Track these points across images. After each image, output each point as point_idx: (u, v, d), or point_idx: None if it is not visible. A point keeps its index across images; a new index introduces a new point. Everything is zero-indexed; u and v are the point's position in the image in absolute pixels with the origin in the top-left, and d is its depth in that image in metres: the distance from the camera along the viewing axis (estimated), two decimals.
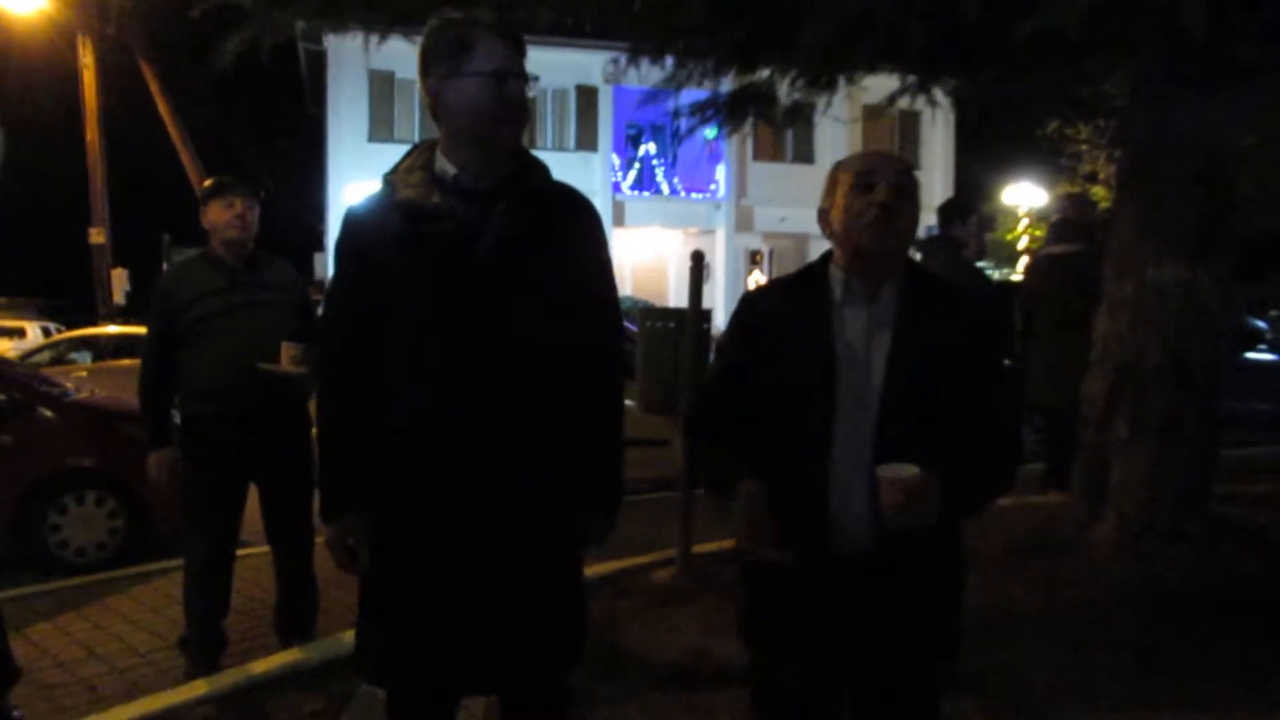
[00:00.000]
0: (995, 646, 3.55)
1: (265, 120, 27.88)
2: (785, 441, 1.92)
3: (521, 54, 2.02)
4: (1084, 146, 24.41)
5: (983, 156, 25.34)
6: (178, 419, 3.65)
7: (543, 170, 2.15)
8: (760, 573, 2.05)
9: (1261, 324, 10.08)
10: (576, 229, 2.14)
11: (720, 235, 24.53)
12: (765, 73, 5.14)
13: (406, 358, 2.03)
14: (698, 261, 4.32)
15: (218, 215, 3.59)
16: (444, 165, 2.07)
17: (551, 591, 2.11)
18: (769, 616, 2.04)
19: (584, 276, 2.14)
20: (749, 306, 2.10)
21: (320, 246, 23.67)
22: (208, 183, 3.74)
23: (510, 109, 2.00)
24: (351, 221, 2.12)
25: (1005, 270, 25.33)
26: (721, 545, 4.59)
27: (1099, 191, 23.81)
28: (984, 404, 1.93)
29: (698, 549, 4.53)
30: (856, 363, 1.91)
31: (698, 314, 4.37)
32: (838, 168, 2.02)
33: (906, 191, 1.93)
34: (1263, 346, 9.16)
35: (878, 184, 1.91)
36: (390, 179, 2.10)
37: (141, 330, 8.45)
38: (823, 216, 2.03)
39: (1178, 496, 4.19)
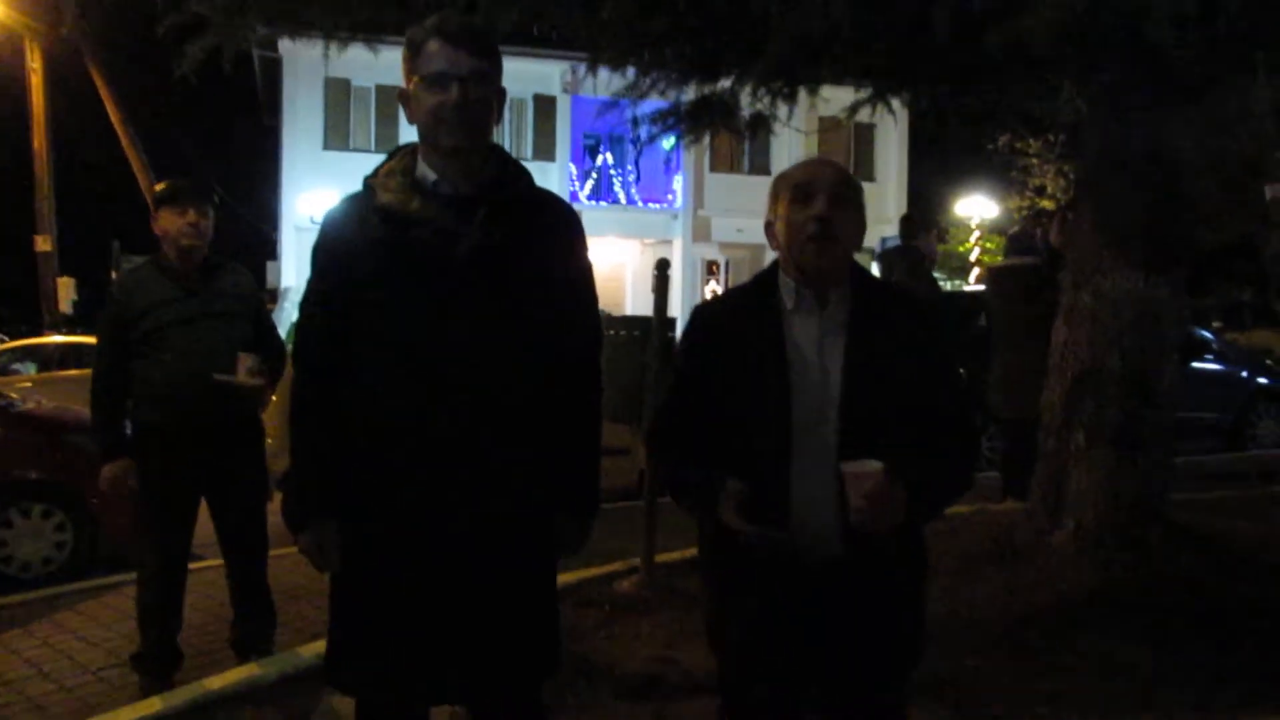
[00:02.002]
0: (956, 654, 3.57)
1: (219, 126, 27.53)
2: (744, 452, 1.92)
3: (478, 56, 1.98)
4: (1034, 161, 24.96)
5: (936, 169, 25.75)
6: (130, 429, 3.56)
7: (524, 176, 2.13)
8: (727, 579, 2.04)
9: (1207, 334, 10.30)
10: (557, 236, 2.13)
11: (677, 245, 24.58)
12: (727, 83, 5.16)
13: (383, 363, 2.01)
14: (662, 270, 4.32)
15: (170, 222, 3.49)
16: (424, 170, 2.05)
17: (526, 599, 2.09)
18: (735, 623, 2.03)
19: (564, 283, 2.12)
20: (700, 319, 2.11)
21: (274, 255, 23.36)
22: (160, 187, 3.63)
23: (453, 112, 1.96)
24: (329, 225, 2.09)
25: (957, 281, 25.70)
26: (685, 554, 4.58)
27: (1048, 205, 24.29)
28: (940, 403, 1.95)
29: (661, 558, 4.51)
30: (811, 369, 1.93)
31: (663, 322, 4.37)
32: (778, 179, 2.03)
33: (846, 201, 1.94)
34: (1209, 357, 9.35)
35: (816, 195, 1.92)
36: (370, 182, 2.08)
37: (88, 340, 8.26)
38: (768, 229, 2.04)
39: (1135, 504, 4.25)
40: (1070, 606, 3.95)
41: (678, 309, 22.89)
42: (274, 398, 3.86)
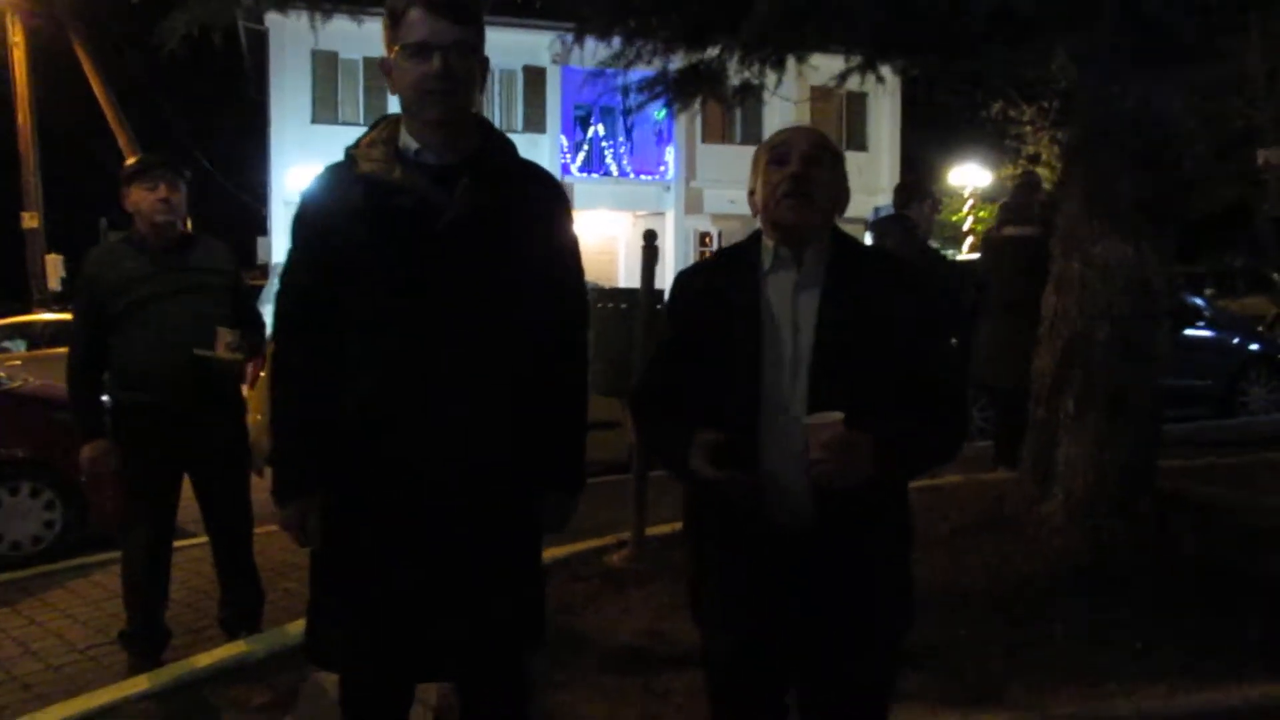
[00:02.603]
0: (948, 623, 3.57)
1: (206, 101, 27.28)
2: (716, 411, 1.90)
3: (461, 25, 1.94)
4: (1028, 128, 24.84)
5: (929, 138, 25.60)
6: (109, 408, 3.52)
7: (509, 147, 2.10)
8: (706, 549, 2.03)
9: (1199, 301, 10.28)
10: (542, 208, 2.10)
11: (670, 217, 24.49)
12: (714, 51, 5.10)
13: (365, 336, 1.99)
14: (650, 241, 4.28)
15: (141, 198, 3.45)
16: (407, 140, 2.02)
17: (510, 574, 2.08)
18: (711, 589, 2.02)
19: (548, 256, 2.10)
20: (681, 285, 2.10)
21: (263, 230, 23.25)
22: (129, 162, 3.59)
23: (436, 82, 1.92)
24: (310, 195, 2.06)
25: (951, 250, 25.65)
26: (675, 527, 4.57)
27: (1042, 173, 24.20)
28: (921, 363, 1.92)
29: (651, 531, 4.50)
30: (783, 327, 1.91)
31: (651, 294, 4.33)
32: (759, 148, 2.03)
33: (820, 161, 1.94)
34: (1200, 324, 9.34)
35: (791, 156, 1.93)
36: (351, 152, 2.04)
37: None
38: (750, 197, 2.04)
39: (1125, 472, 4.24)
40: (1060, 575, 3.95)
41: (670, 280, 22.78)
42: (262, 373, 3.83)
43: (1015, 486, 4.60)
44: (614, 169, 24.31)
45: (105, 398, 3.51)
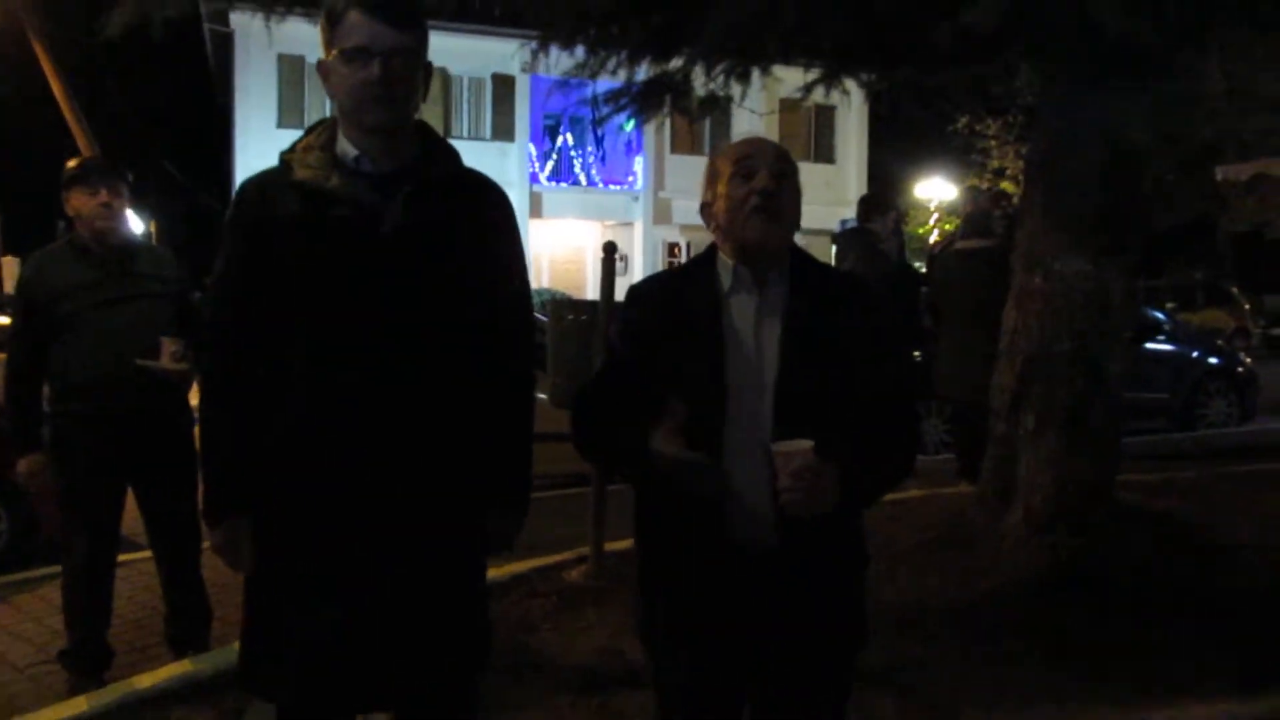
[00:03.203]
0: (908, 639, 3.55)
1: (169, 104, 26.94)
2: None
3: (401, 29, 1.87)
4: (993, 142, 25.14)
5: (896, 151, 25.83)
6: (48, 419, 3.41)
7: (452, 155, 2.04)
8: (658, 568, 1.98)
9: (1160, 315, 10.39)
10: (485, 217, 2.03)
11: (638, 227, 24.51)
12: (679, 62, 5.08)
13: (299, 349, 1.90)
14: (609, 253, 4.23)
15: (82, 203, 3.34)
16: (345, 146, 1.95)
17: (453, 596, 2.01)
18: (665, 613, 1.97)
19: (491, 266, 2.03)
20: (636, 299, 2.03)
21: None
22: (70, 165, 3.46)
23: (375, 89, 1.85)
24: (242, 200, 1.97)
25: (918, 263, 25.87)
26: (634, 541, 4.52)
27: (1007, 186, 24.49)
28: (879, 388, 1.90)
29: (610, 546, 4.44)
30: (747, 351, 1.87)
31: (611, 306, 4.28)
32: (715, 157, 1.97)
33: (786, 177, 1.90)
34: (1160, 337, 9.44)
35: (758, 171, 1.88)
36: (286, 157, 1.97)
37: None
38: (705, 210, 1.98)
39: (1084, 486, 4.25)
40: (1020, 591, 3.94)
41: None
42: None
43: (976, 501, 4.60)
44: (583, 179, 24.30)
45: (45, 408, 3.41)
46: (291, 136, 2.07)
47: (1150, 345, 9.07)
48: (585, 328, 4.34)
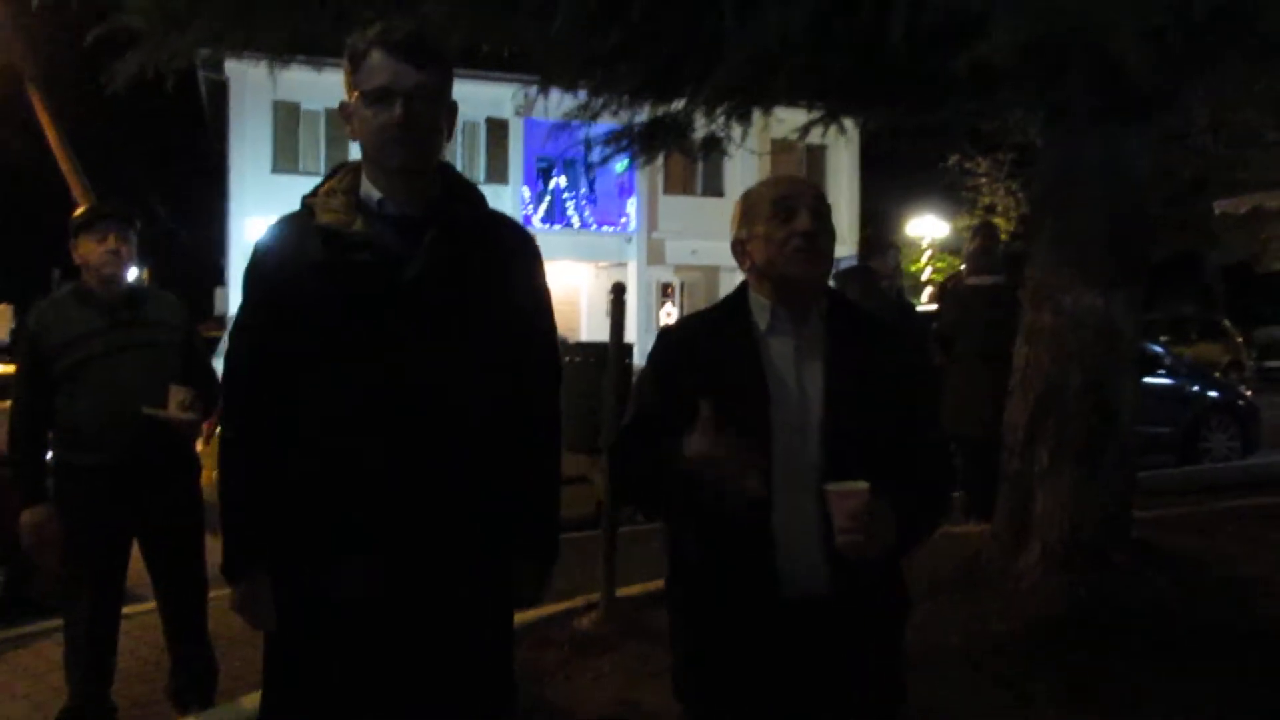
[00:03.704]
0: (926, 684, 3.46)
1: (164, 150, 27.06)
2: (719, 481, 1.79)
3: (424, 69, 1.85)
4: (983, 180, 25.37)
5: (888, 189, 26.04)
6: (54, 470, 3.34)
7: (477, 196, 2.00)
8: (696, 618, 1.92)
9: (1158, 349, 10.39)
10: (512, 260, 2.00)
11: (632, 268, 24.56)
12: (680, 104, 5.09)
13: (323, 399, 1.86)
14: (619, 294, 4.20)
15: (90, 250, 3.29)
16: (368, 189, 1.91)
17: (480, 655, 1.95)
18: (705, 661, 1.91)
19: (519, 311, 1.99)
20: (669, 342, 1.99)
21: (221, 281, 22.97)
22: (78, 213, 3.42)
23: (398, 130, 1.82)
24: (264, 246, 1.93)
25: (912, 300, 25.97)
26: (646, 588, 4.45)
27: (999, 222, 24.65)
28: (917, 428, 1.89)
29: (622, 592, 4.37)
30: (789, 392, 1.84)
31: (620, 348, 4.24)
32: (749, 197, 1.96)
33: (824, 217, 1.90)
34: (1161, 371, 9.43)
35: (799, 211, 1.86)
36: (309, 201, 1.93)
37: None
38: (738, 248, 1.96)
39: (1100, 523, 4.20)
40: (1039, 632, 3.87)
41: (633, 333, 22.87)
42: (218, 432, 3.67)
43: (991, 540, 4.54)
44: (576, 220, 24.39)
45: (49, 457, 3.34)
46: (286, 182, 2.06)
47: (1150, 379, 9.06)
48: (593, 369, 4.29)
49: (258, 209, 20.71)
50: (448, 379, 1.87)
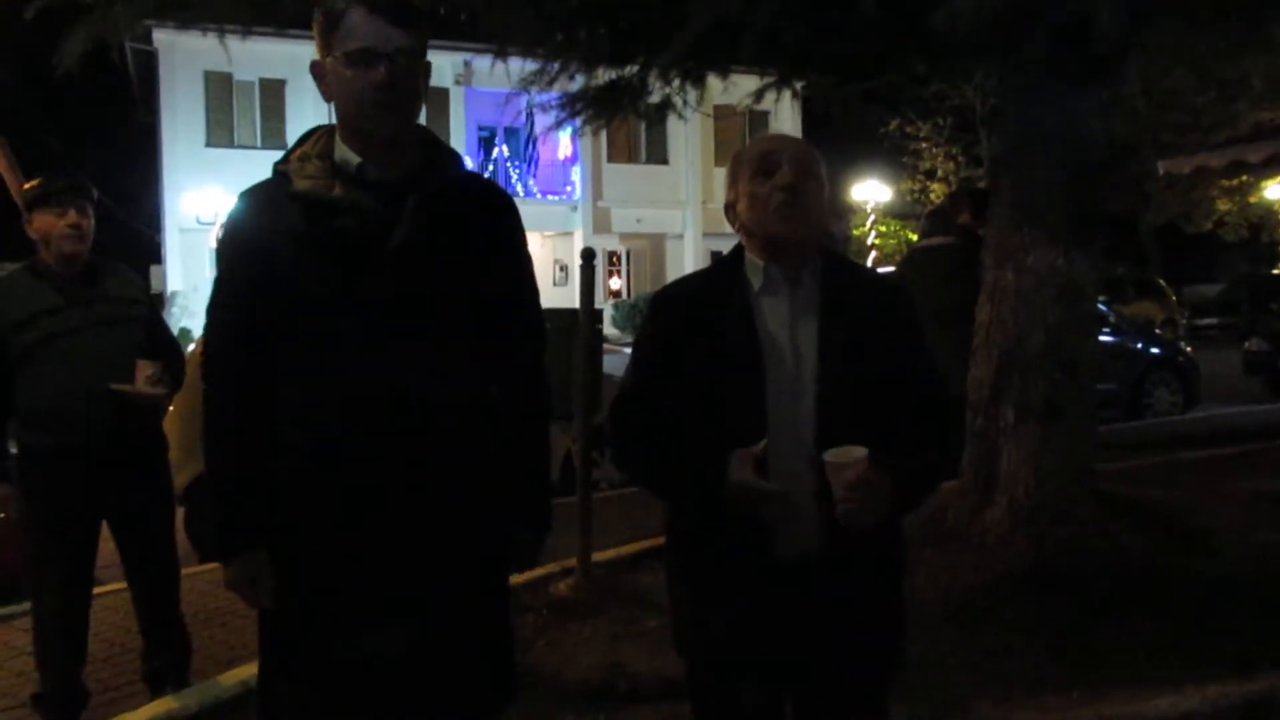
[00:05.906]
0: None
1: (91, 123, 26.15)
2: (717, 442, 1.80)
3: (407, 29, 1.79)
4: (924, 144, 25.63)
5: (830, 155, 25.96)
6: (14, 450, 3.23)
7: (454, 159, 1.96)
8: (696, 579, 1.93)
9: (1103, 308, 10.61)
10: (495, 225, 1.96)
11: (577, 237, 24.46)
12: (635, 68, 5.05)
13: (307, 370, 1.81)
14: (588, 259, 4.18)
15: (48, 225, 3.16)
16: (345, 154, 1.85)
17: (481, 625, 1.93)
18: (706, 619, 1.92)
19: (504, 276, 1.96)
20: (663, 305, 1.97)
21: (158, 259, 22.39)
22: (31, 185, 3.28)
23: (382, 94, 1.76)
24: (238, 217, 1.87)
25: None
26: (621, 551, 4.46)
27: (938, 188, 24.96)
28: (915, 386, 1.88)
29: (597, 556, 4.38)
30: (783, 352, 1.83)
31: (590, 314, 4.22)
32: (737, 158, 1.94)
33: (810, 172, 1.87)
34: (1106, 329, 9.64)
35: (780, 167, 1.85)
36: (282, 168, 1.86)
37: None
38: (729, 211, 1.94)
39: (1064, 478, 4.29)
40: (1009, 584, 3.95)
41: (576, 303, 22.74)
42: (171, 407, 3.58)
43: (958, 497, 4.62)
44: (520, 190, 24.17)
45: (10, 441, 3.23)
46: (221, 155, 2.00)
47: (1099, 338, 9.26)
48: (564, 335, 4.26)
49: (193, 184, 20.22)
50: (436, 345, 1.84)
